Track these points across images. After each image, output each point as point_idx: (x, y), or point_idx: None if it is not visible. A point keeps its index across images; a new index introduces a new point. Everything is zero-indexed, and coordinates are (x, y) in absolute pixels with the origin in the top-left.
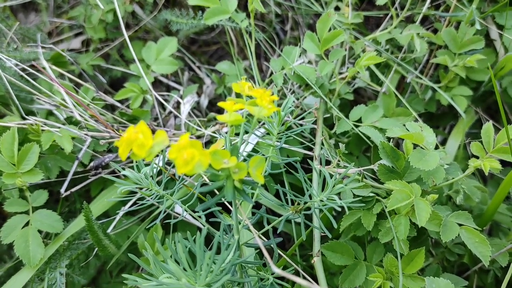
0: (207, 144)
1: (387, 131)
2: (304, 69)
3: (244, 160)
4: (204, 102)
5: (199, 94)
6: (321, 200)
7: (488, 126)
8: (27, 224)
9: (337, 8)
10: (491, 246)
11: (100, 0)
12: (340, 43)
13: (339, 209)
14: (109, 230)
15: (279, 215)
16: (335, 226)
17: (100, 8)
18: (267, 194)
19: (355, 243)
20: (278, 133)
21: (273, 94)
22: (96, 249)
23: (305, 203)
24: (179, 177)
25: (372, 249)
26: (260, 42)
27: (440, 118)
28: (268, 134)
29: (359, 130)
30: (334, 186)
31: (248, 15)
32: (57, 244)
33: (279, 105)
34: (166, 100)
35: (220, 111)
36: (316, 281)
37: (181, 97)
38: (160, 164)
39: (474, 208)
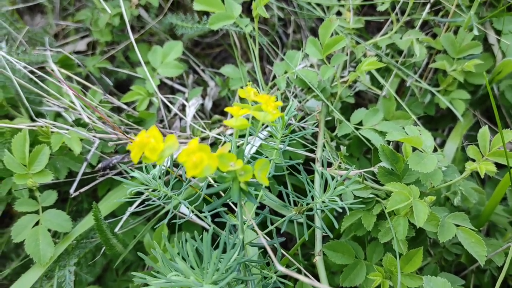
0: (212, 145)
1: (387, 135)
2: (307, 73)
3: (248, 162)
4: (208, 104)
5: (203, 97)
6: (323, 202)
7: (484, 130)
8: (37, 223)
9: (338, 13)
10: (488, 246)
11: (107, 4)
12: (341, 48)
13: (340, 210)
14: (116, 229)
15: (282, 216)
16: (337, 226)
17: (107, 12)
18: (271, 195)
19: (356, 243)
20: (281, 137)
21: (277, 99)
22: (104, 248)
23: (308, 204)
24: (186, 178)
25: (372, 249)
26: (263, 46)
27: (439, 120)
28: (271, 136)
29: (360, 133)
30: (335, 188)
31: (252, 20)
32: (66, 243)
33: (283, 108)
34: (171, 103)
35: (224, 113)
36: (318, 279)
37: (186, 100)
38: (167, 165)
39: (471, 209)
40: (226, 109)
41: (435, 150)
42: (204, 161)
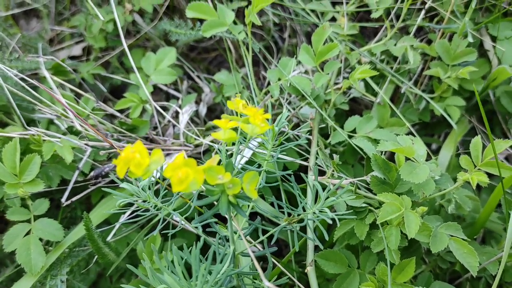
0: (205, 153)
1: (378, 144)
2: (300, 81)
3: (239, 172)
4: (203, 110)
5: (198, 102)
6: (314, 213)
7: (476, 140)
8: (28, 232)
9: (333, 19)
10: (482, 254)
11: (100, 10)
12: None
13: (330, 222)
14: (109, 237)
15: (277, 224)
16: (327, 238)
17: (100, 18)
18: (263, 203)
19: (349, 252)
20: (272, 147)
21: (267, 111)
22: (96, 256)
23: (298, 215)
24: None
25: (365, 258)
26: (259, 51)
27: (435, 126)
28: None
29: (353, 142)
30: (326, 198)
31: (246, 25)
32: (58, 252)
33: (277, 115)
34: (165, 108)
35: (219, 118)
36: None
37: (180, 107)
38: (157, 176)
39: (466, 216)
40: (214, 122)
41: (429, 157)
42: (189, 177)
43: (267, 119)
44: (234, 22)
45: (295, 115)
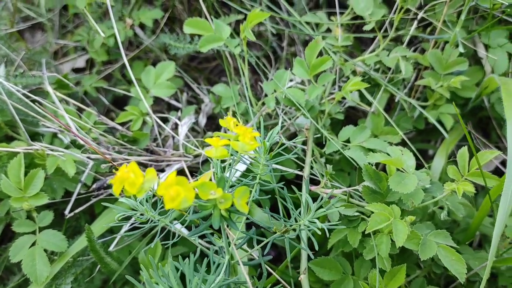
0: (204, 162)
1: (368, 156)
2: (294, 92)
3: (234, 185)
4: (203, 120)
5: (198, 112)
6: (304, 224)
7: (463, 151)
8: (34, 243)
9: (328, 30)
10: (475, 259)
11: (101, 25)
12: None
13: (320, 233)
14: (112, 247)
15: (274, 232)
16: (317, 248)
17: (101, 34)
18: (259, 212)
19: (343, 258)
20: (264, 160)
21: (257, 128)
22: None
23: (291, 225)
24: None
25: (359, 264)
26: (257, 61)
27: (431, 132)
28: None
29: (345, 152)
30: (318, 209)
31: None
32: (62, 262)
33: (274, 124)
34: (166, 120)
35: (218, 129)
36: None
37: (179, 118)
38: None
39: (461, 222)
40: (206, 140)
41: (419, 167)
42: (180, 195)
43: (258, 136)
44: (232, 35)
45: (291, 125)
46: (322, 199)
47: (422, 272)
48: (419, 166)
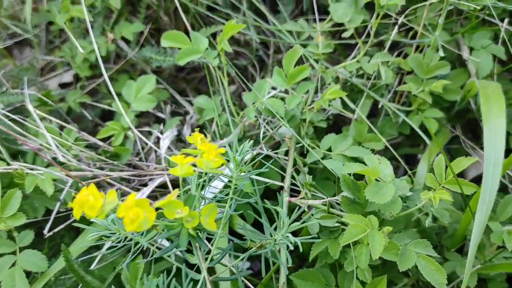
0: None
1: (345, 167)
2: (274, 103)
3: (218, 199)
4: (187, 132)
5: (182, 123)
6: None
7: (439, 158)
8: (14, 264)
9: (311, 37)
10: (462, 266)
11: (82, 40)
12: (310, 73)
13: (292, 248)
14: (95, 264)
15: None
16: (290, 263)
17: (80, 51)
18: (244, 224)
19: (327, 270)
20: (236, 176)
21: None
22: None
23: (265, 240)
24: None
25: (343, 276)
26: (245, 68)
27: (419, 136)
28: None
29: (325, 162)
30: (293, 222)
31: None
32: (43, 282)
33: (258, 134)
34: (149, 133)
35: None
36: None
37: (162, 132)
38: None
39: (449, 228)
40: (171, 158)
41: (402, 174)
42: (140, 217)
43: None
44: (215, 46)
45: (275, 134)
46: (299, 210)
47: (409, 280)
48: (406, 172)
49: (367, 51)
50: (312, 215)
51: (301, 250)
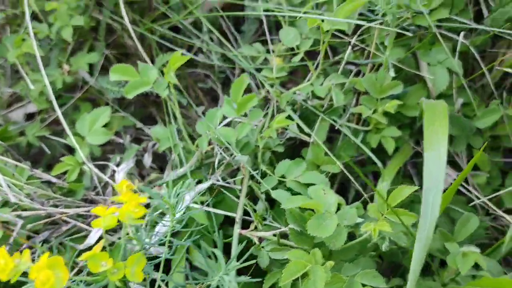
0: (147, 207)
1: (287, 201)
2: (226, 132)
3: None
4: (148, 160)
5: (145, 150)
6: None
7: (382, 188)
8: None
9: (266, 60)
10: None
11: (37, 74)
12: (259, 101)
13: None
14: None
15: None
16: None
17: (38, 82)
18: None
19: None
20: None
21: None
22: None
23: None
24: None
25: None
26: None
27: (384, 152)
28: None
29: (273, 193)
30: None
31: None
32: None
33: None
34: (107, 165)
35: (163, 169)
36: None
37: (118, 164)
38: None
39: (408, 249)
40: (92, 211)
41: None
42: (51, 279)
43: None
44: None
45: (230, 161)
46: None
47: None
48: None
49: (326, 71)
50: (262, 247)
51: None
